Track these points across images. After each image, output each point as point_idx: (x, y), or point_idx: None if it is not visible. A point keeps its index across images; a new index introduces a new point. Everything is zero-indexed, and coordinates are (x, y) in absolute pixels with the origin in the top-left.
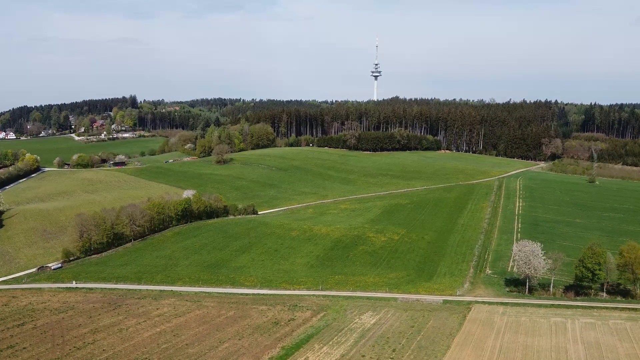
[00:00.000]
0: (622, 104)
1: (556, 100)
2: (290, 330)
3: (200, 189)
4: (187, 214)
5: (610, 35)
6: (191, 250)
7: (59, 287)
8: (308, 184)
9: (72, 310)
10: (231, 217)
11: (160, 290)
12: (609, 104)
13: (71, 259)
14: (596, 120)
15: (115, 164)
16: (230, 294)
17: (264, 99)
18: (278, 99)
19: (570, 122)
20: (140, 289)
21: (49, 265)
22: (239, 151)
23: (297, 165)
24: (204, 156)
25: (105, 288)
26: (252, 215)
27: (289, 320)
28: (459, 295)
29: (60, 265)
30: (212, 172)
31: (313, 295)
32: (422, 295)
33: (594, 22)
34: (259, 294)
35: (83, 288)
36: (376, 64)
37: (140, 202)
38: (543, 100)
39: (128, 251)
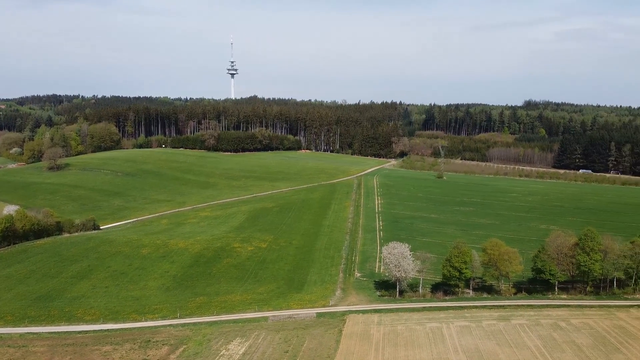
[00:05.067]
0: (457, 104)
1: (400, 101)
2: None
3: (28, 201)
4: (10, 235)
5: (446, 42)
6: (15, 280)
7: None
8: (162, 190)
9: None
10: (66, 235)
11: None
12: (446, 104)
13: None
14: (436, 119)
15: None
16: (65, 332)
17: (107, 95)
18: (124, 96)
19: (414, 122)
20: None
21: None
22: (76, 155)
23: (148, 170)
24: (33, 162)
25: None
26: (93, 232)
27: None
28: (332, 306)
29: None
30: (43, 180)
31: (170, 325)
32: (294, 311)
33: (432, 29)
34: (102, 330)
35: None
36: (232, 62)
37: None
38: (389, 101)
39: None
